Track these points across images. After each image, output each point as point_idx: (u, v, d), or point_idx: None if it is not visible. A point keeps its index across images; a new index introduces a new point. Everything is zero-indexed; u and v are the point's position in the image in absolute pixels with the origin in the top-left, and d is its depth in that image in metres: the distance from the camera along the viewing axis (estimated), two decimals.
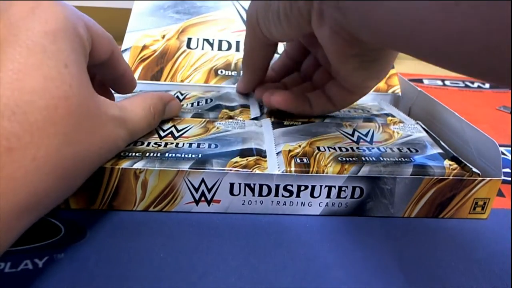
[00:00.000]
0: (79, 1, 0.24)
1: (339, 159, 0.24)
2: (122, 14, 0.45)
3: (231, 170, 0.23)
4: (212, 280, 0.19)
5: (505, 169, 0.32)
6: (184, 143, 0.25)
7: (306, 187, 0.23)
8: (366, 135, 0.28)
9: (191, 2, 0.40)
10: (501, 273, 0.21)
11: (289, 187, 0.23)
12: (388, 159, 0.25)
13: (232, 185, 0.23)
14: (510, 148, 0.36)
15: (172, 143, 0.25)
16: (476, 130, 0.26)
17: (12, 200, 0.14)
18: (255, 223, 0.23)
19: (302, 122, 0.30)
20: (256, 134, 0.27)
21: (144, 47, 0.36)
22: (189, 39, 0.37)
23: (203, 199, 0.24)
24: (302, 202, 0.24)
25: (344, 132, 0.29)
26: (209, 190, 0.23)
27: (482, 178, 0.24)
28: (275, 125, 0.29)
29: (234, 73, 0.36)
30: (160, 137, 0.26)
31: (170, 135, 0.26)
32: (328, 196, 0.24)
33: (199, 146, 0.25)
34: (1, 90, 0.14)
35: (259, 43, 0.28)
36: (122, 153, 0.23)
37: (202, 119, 0.29)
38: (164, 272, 0.19)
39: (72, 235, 0.22)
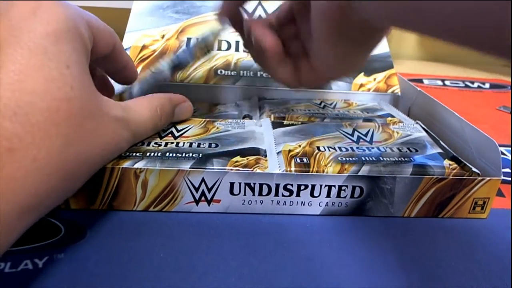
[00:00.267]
0: (79, 1, 0.24)
1: (339, 159, 0.25)
2: (121, 14, 0.45)
3: (231, 169, 0.23)
4: (212, 280, 0.19)
5: (505, 169, 0.32)
6: (184, 143, 0.25)
7: (306, 186, 0.23)
8: (366, 135, 0.28)
9: (191, 2, 0.40)
10: (501, 273, 0.21)
11: (289, 187, 0.23)
12: (388, 159, 0.25)
13: (232, 184, 0.23)
14: (510, 148, 0.36)
15: (172, 143, 0.25)
16: (476, 130, 0.26)
17: (13, 201, 0.14)
18: (255, 223, 0.23)
19: (302, 122, 0.30)
20: (256, 134, 0.27)
21: (143, 47, 0.36)
22: (188, 39, 0.37)
23: (203, 198, 0.24)
24: (302, 202, 0.24)
25: (344, 132, 0.29)
26: (209, 190, 0.23)
27: (481, 178, 0.24)
28: (275, 125, 0.29)
29: (233, 73, 0.36)
30: (160, 137, 0.26)
31: (170, 134, 0.26)
32: (328, 195, 0.24)
33: (199, 145, 0.25)
34: (2, 91, 0.14)
35: None
36: (122, 153, 0.23)
37: (202, 119, 0.29)
38: (164, 272, 0.19)
39: (72, 235, 0.22)
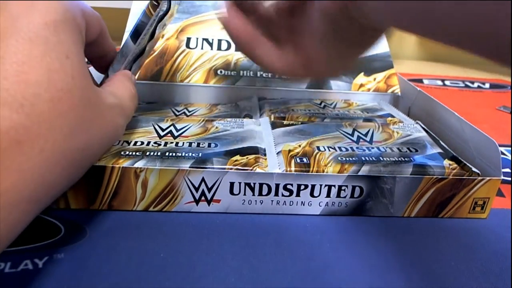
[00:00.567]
0: (79, 1, 0.24)
1: (339, 159, 0.25)
2: (121, 14, 0.45)
3: (231, 168, 0.23)
4: (212, 280, 0.19)
5: (505, 169, 0.32)
6: (184, 142, 0.25)
7: (306, 186, 0.23)
8: (366, 135, 0.28)
9: (190, 2, 0.40)
10: (501, 273, 0.21)
11: (289, 186, 0.23)
12: (388, 159, 0.25)
13: (232, 184, 0.23)
14: (510, 148, 0.36)
15: (172, 143, 0.25)
16: (476, 130, 0.26)
17: (22, 192, 0.15)
18: (255, 223, 0.23)
19: (302, 122, 0.30)
20: (255, 133, 0.27)
21: None
22: (188, 39, 0.37)
23: (203, 198, 0.24)
24: (302, 202, 0.24)
25: (344, 132, 0.29)
26: (209, 190, 0.23)
27: (481, 178, 0.24)
28: (275, 124, 0.29)
29: (233, 73, 0.36)
30: (160, 136, 0.26)
31: (169, 134, 0.26)
32: (328, 195, 0.24)
33: (199, 145, 0.25)
34: (7, 82, 0.14)
35: None
36: (122, 152, 0.23)
37: (201, 118, 0.29)
38: (164, 272, 0.19)
39: (72, 235, 0.22)
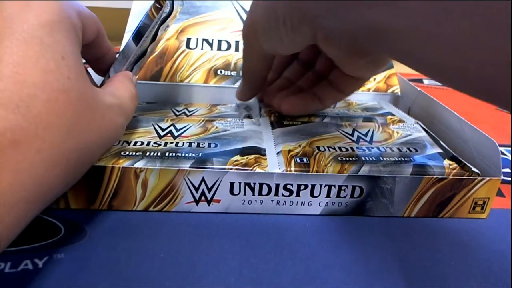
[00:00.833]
0: (79, 1, 0.24)
1: (339, 159, 0.25)
2: (121, 14, 0.45)
3: (231, 169, 0.23)
4: (212, 280, 0.19)
5: (505, 169, 0.32)
6: (184, 143, 0.25)
7: (306, 186, 0.23)
8: (365, 135, 0.28)
9: (190, 2, 0.40)
10: (501, 273, 0.21)
11: (289, 186, 0.23)
12: (388, 159, 0.25)
13: (232, 184, 0.23)
14: (510, 148, 0.36)
15: (172, 143, 0.25)
16: (476, 130, 0.26)
17: (20, 193, 0.15)
18: (255, 223, 0.23)
19: (302, 122, 0.30)
20: (255, 133, 0.27)
21: None
22: (188, 39, 0.37)
23: (203, 198, 0.24)
24: (302, 202, 0.24)
25: (344, 132, 0.29)
26: (209, 190, 0.23)
27: (481, 178, 0.24)
28: (275, 124, 0.29)
29: (233, 73, 0.36)
30: (160, 136, 0.26)
31: (169, 134, 0.26)
32: (328, 195, 0.24)
33: (199, 145, 0.25)
34: (3, 83, 0.14)
35: (259, 56, 0.27)
36: (122, 152, 0.23)
37: (201, 118, 0.29)
38: (164, 272, 0.19)
39: (72, 235, 0.22)
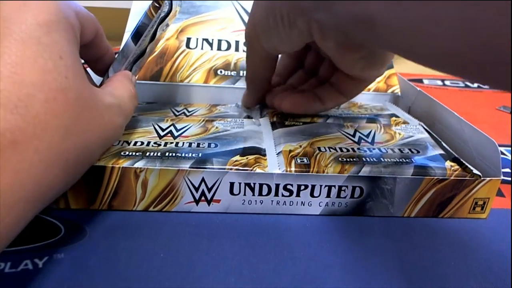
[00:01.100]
0: (82, 1, 0.24)
1: (340, 159, 0.24)
2: (121, 14, 0.45)
3: (231, 169, 0.23)
4: (212, 280, 0.19)
5: (505, 169, 0.32)
6: (184, 143, 0.25)
7: (306, 186, 0.23)
8: (367, 136, 0.28)
9: (190, 2, 0.40)
10: (501, 273, 0.21)
11: (289, 187, 0.23)
12: (389, 160, 0.25)
13: (232, 184, 0.23)
14: (510, 148, 0.36)
15: (172, 143, 0.25)
16: (476, 130, 0.26)
17: (19, 193, 0.15)
18: (255, 223, 0.23)
19: (304, 123, 0.30)
20: (255, 133, 0.27)
21: None
22: (188, 39, 0.37)
23: (203, 198, 0.24)
24: (302, 202, 0.24)
25: (345, 132, 0.29)
26: (209, 190, 0.23)
27: (482, 178, 0.24)
28: (276, 125, 0.29)
29: (233, 73, 0.36)
30: (160, 136, 0.26)
31: (169, 134, 0.26)
32: (328, 195, 0.24)
33: (199, 145, 0.25)
34: (1, 84, 0.14)
35: (261, 57, 0.28)
36: (122, 152, 0.23)
37: (201, 118, 0.29)
38: (164, 272, 0.19)
39: (72, 235, 0.22)
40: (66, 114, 0.16)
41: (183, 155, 0.24)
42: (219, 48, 0.37)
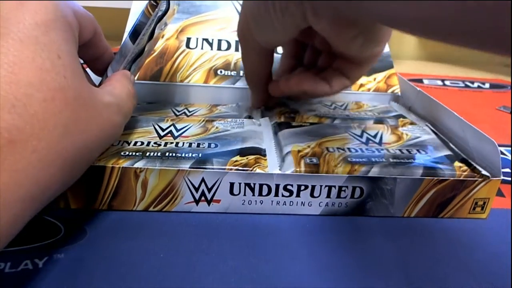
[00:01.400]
0: (82, 1, 0.24)
1: (349, 159, 0.24)
2: (121, 14, 0.45)
3: (231, 169, 0.23)
4: (212, 280, 0.19)
5: (505, 169, 0.32)
6: (184, 143, 0.25)
7: (306, 186, 0.23)
8: (375, 137, 0.28)
9: (190, 2, 0.40)
10: (501, 273, 0.21)
11: (289, 187, 0.23)
12: (398, 160, 0.25)
13: (232, 184, 0.23)
14: (510, 148, 0.36)
15: (172, 143, 0.25)
16: (475, 130, 0.26)
17: (16, 192, 0.15)
18: (255, 223, 0.23)
19: (311, 123, 0.30)
20: (255, 133, 0.27)
21: None
22: (188, 39, 0.37)
23: (203, 198, 0.24)
24: (302, 202, 0.24)
25: (353, 133, 0.29)
26: (209, 190, 0.23)
27: (482, 179, 0.24)
28: (283, 126, 0.29)
29: (233, 73, 0.36)
30: (160, 136, 0.26)
31: (169, 134, 0.26)
32: (328, 196, 0.24)
33: (199, 145, 0.25)
34: None
35: (256, 53, 0.28)
36: (122, 152, 0.23)
37: (201, 118, 0.29)
38: (164, 272, 0.19)
39: (72, 235, 0.22)
40: (65, 114, 0.16)
41: (183, 155, 0.24)
42: (219, 48, 0.37)
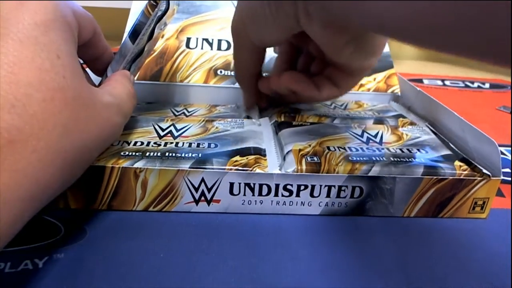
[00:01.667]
0: (81, 1, 0.24)
1: (350, 158, 0.25)
2: (121, 14, 0.45)
3: (231, 169, 0.23)
4: (212, 280, 0.19)
5: (505, 169, 0.32)
6: (183, 143, 0.25)
7: (306, 186, 0.24)
8: (375, 136, 0.28)
9: (190, 1, 0.40)
10: (501, 273, 0.21)
11: (288, 187, 0.23)
12: (399, 159, 0.25)
13: (232, 184, 0.23)
14: (510, 148, 0.36)
15: (171, 143, 0.25)
16: (475, 130, 0.26)
17: (16, 192, 0.15)
18: (255, 223, 0.23)
19: (311, 123, 0.30)
20: (255, 133, 0.27)
21: None
22: (188, 39, 0.37)
23: (203, 198, 0.24)
24: (302, 202, 0.24)
25: (353, 133, 0.29)
26: (209, 190, 0.23)
27: (481, 178, 0.24)
28: (283, 125, 0.29)
29: (233, 73, 0.36)
30: (160, 136, 0.26)
31: (169, 134, 0.26)
32: (328, 195, 0.24)
33: (198, 145, 0.25)
34: None
35: (248, 50, 0.27)
36: (122, 152, 0.23)
37: (201, 118, 0.30)
38: (164, 272, 0.19)
39: (72, 235, 0.22)
40: (64, 113, 0.16)
41: (183, 155, 0.24)
42: (219, 48, 0.37)
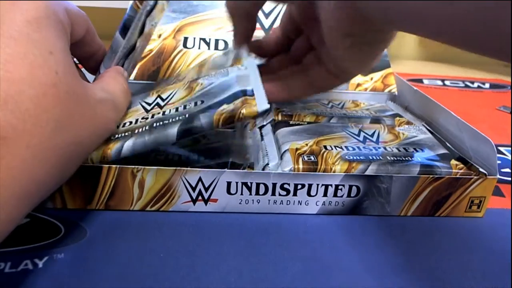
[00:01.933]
0: (79, 1, 0.24)
1: (346, 157, 0.25)
2: (120, 14, 0.45)
3: (229, 169, 0.23)
4: (212, 280, 0.19)
5: (505, 169, 0.32)
6: (170, 110, 0.24)
7: (303, 185, 0.24)
8: (372, 136, 0.29)
9: (187, 1, 0.40)
10: (498, 271, 0.21)
11: (286, 186, 0.24)
12: (395, 158, 0.25)
13: (229, 183, 0.23)
14: (510, 148, 0.36)
15: (159, 113, 0.24)
16: (472, 129, 0.26)
17: (11, 189, 0.15)
18: (253, 223, 0.24)
19: (308, 122, 0.30)
20: (242, 78, 0.25)
21: None
22: (185, 38, 0.37)
23: (200, 198, 0.24)
24: (299, 201, 0.24)
25: (350, 132, 0.29)
26: (206, 189, 0.23)
27: (478, 177, 0.24)
28: (280, 124, 0.29)
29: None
30: (147, 111, 0.25)
31: (156, 106, 0.25)
32: (325, 194, 0.24)
33: (185, 107, 0.24)
34: None
35: None
36: (111, 136, 0.23)
37: (185, 81, 0.28)
38: (164, 272, 0.20)
39: (72, 235, 0.22)
40: (57, 109, 0.16)
41: (170, 120, 0.23)
42: (216, 48, 0.37)
